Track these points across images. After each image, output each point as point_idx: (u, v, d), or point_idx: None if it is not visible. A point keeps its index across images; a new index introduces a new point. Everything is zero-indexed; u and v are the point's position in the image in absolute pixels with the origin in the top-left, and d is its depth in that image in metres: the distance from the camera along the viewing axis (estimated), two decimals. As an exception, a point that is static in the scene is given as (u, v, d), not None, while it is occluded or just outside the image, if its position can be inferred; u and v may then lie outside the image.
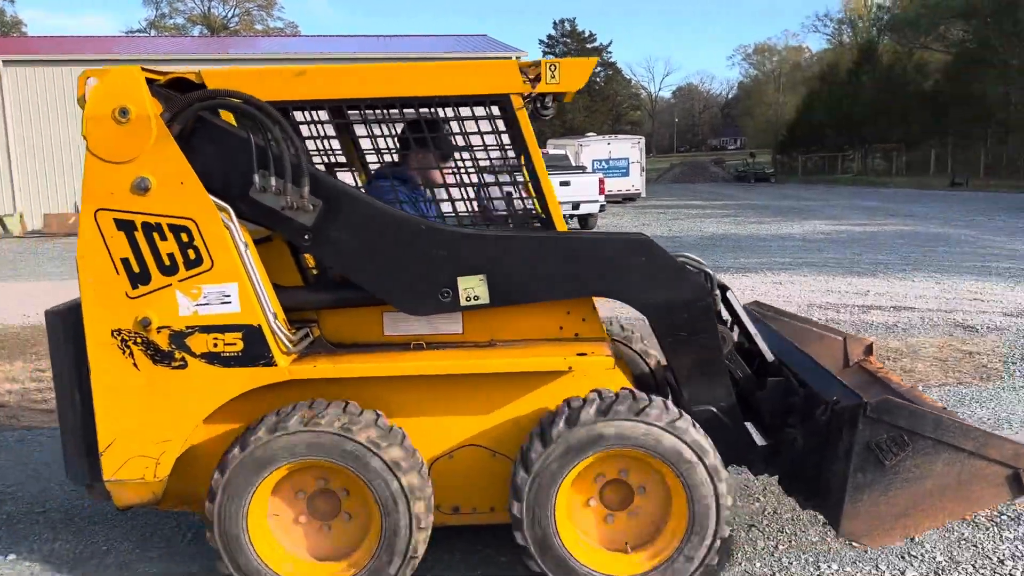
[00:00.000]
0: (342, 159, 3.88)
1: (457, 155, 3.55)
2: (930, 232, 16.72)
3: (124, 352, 3.04)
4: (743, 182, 51.07)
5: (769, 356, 3.56)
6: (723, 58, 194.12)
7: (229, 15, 60.32)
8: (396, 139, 3.46)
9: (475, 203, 3.37)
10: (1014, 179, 34.36)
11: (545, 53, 62.60)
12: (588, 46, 61.69)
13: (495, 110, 3.27)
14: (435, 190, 3.60)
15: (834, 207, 25.81)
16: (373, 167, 3.95)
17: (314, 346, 3.27)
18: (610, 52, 63.02)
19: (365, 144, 3.95)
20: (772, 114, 75.42)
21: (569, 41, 62.19)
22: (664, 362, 3.61)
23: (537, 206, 3.29)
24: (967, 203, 24.92)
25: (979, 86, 40.07)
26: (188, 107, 3.03)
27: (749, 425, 3.39)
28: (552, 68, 3.20)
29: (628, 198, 31.36)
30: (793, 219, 21.37)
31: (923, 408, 3.03)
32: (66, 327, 3.13)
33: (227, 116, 3.29)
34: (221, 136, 3.14)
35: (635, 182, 31.49)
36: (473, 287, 3.18)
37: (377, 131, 3.33)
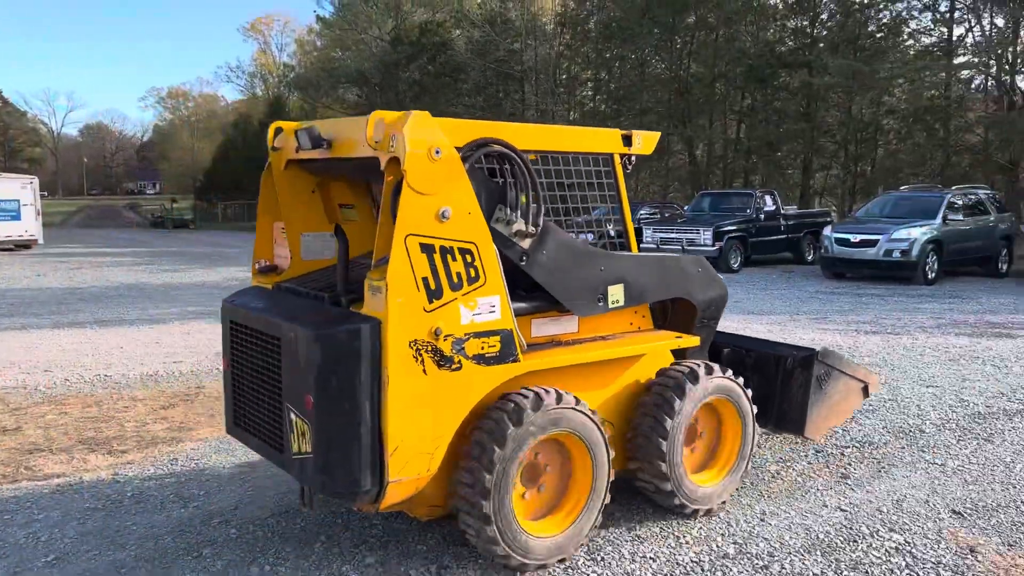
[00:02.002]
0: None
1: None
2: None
3: (417, 360, 3.38)
4: (161, 228, 49.06)
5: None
6: (135, 99, 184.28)
7: None
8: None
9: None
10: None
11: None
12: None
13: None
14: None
15: (250, 253, 26.37)
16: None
17: None
18: (-6, 79, 54.68)
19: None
20: (189, 159, 74.25)
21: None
22: None
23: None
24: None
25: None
26: (475, 150, 3.64)
27: None
28: (637, 137, 4.41)
29: (22, 245, 27.54)
30: (212, 266, 21.18)
31: (835, 351, 5.18)
32: (354, 346, 3.29)
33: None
34: (477, 175, 3.67)
35: (29, 227, 27.81)
36: (617, 293, 4.20)
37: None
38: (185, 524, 4.43)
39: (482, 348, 3.57)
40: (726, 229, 18.24)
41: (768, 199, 19.83)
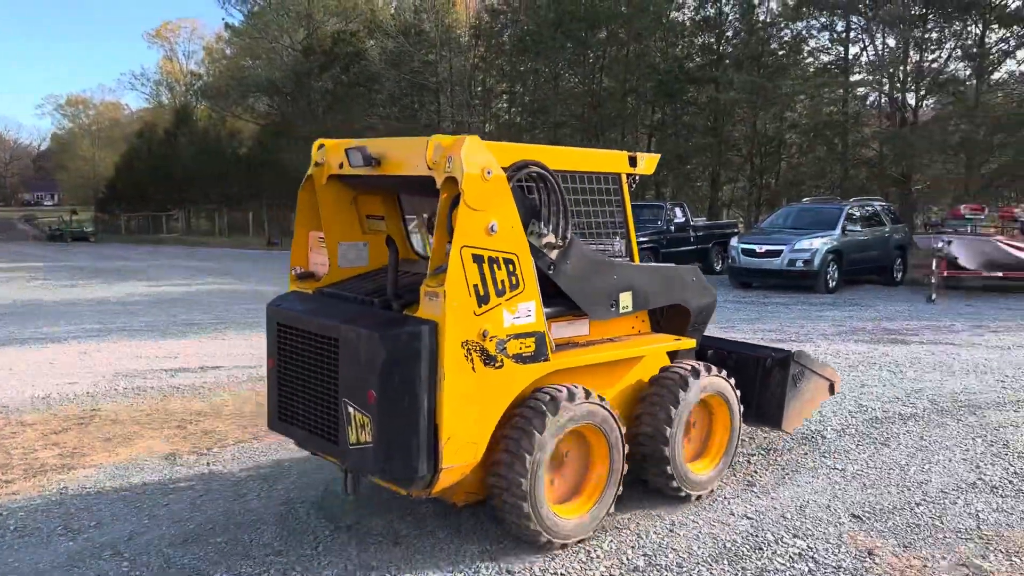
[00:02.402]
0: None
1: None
2: (245, 290, 17.66)
3: (467, 359, 3.79)
4: (59, 242, 46.79)
5: None
6: (32, 106, 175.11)
7: None
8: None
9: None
10: (319, 239, 38.92)
11: None
12: None
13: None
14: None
15: (157, 267, 25.44)
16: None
17: None
18: None
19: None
20: (90, 170, 71.17)
21: None
22: None
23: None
24: (281, 261, 27.16)
25: (285, 155, 44.41)
26: (518, 171, 4.05)
27: None
28: (642, 158, 4.88)
29: (-97, 261, 25.90)
30: (112, 281, 20.29)
31: (807, 352, 5.85)
32: (415, 346, 3.67)
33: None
34: (516, 192, 4.03)
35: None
36: (626, 299, 4.64)
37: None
38: (74, 557, 4.18)
39: (520, 348, 4.01)
40: (638, 240, 18.55)
41: (678, 211, 20.28)
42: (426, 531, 4.43)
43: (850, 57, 27.78)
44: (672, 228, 19.55)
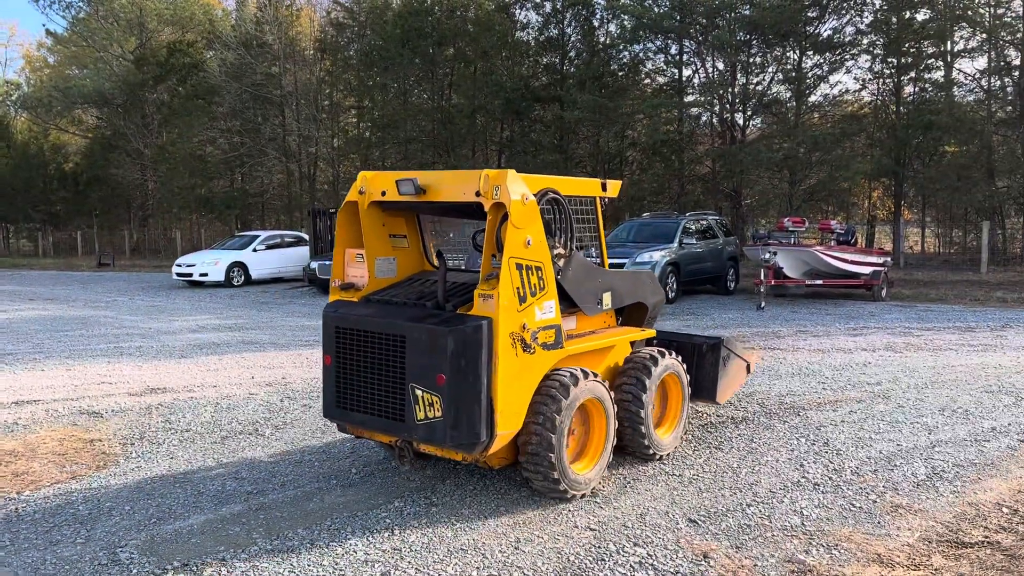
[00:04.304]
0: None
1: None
2: (70, 315, 16.35)
3: (513, 346, 4.73)
4: None
5: None
6: None
7: None
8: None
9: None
10: (156, 259, 36.84)
11: None
12: None
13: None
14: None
15: (-33, 293, 23.14)
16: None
17: None
18: None
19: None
20: None
21: None
22: None
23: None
24: (112, 283, 25.42)
25: (117, 171, 41.77)
26: (543, 197, 5.07)
27: None
28: (609, 184, 5.96)
29: None
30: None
31: (732, 337, 7.65)
32: (476, 337, 4.59)
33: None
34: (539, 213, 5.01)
35: None
36: (607, 298, 5.79)
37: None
38: None
39: (546, 338, 4.99)
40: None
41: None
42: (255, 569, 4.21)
43: (684, 79, 29.33)
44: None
